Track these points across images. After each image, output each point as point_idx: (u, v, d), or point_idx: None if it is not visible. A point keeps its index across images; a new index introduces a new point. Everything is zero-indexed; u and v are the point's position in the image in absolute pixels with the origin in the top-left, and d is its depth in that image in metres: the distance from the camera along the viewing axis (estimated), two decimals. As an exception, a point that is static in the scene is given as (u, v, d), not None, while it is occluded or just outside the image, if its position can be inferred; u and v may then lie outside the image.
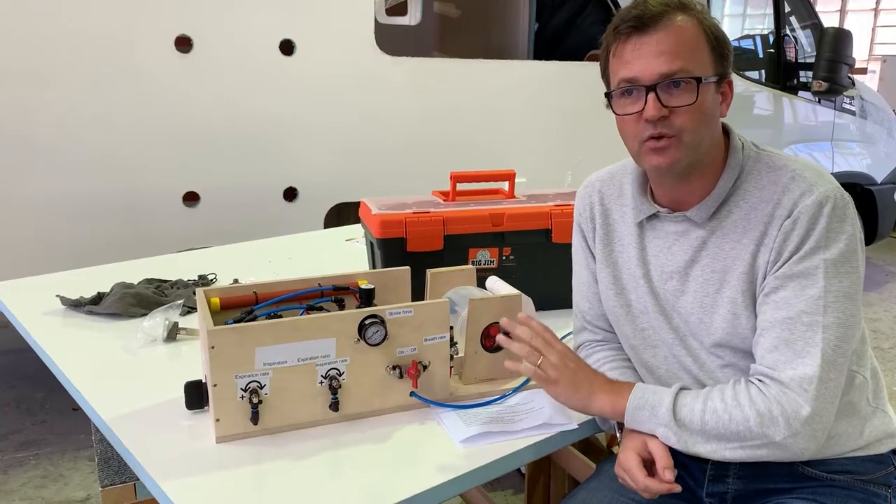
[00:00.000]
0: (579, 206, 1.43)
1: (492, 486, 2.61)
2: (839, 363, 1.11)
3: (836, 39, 4.24)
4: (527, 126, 3.55)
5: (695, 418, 1.14)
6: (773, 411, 1.10)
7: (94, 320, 1.75)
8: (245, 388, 1.21)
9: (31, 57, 2.55)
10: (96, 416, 1.32)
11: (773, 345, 1.13)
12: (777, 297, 1.14)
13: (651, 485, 1.14)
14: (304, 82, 3.02)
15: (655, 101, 1.13)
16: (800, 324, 1.11)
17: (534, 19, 3.88)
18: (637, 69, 1.15)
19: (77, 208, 2.72)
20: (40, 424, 3.09)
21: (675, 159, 1.16)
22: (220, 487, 1.10)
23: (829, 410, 1.11)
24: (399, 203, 1.79)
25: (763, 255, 1.16)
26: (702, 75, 1.14)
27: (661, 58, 1.13)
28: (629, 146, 1.22)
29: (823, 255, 1.12)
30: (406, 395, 1.31)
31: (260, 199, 3.04)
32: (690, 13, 1.15)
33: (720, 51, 1.18)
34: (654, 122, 1.14)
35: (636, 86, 1.15)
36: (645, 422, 1.17)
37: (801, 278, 1.12)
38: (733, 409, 1.12)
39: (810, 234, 1.12)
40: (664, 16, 1.13)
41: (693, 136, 1.15)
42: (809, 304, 1.11)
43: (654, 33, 1.14)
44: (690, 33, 1.15)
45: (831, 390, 1.10)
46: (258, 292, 1.40)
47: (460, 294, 1.49)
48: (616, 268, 1.35)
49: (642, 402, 1.18)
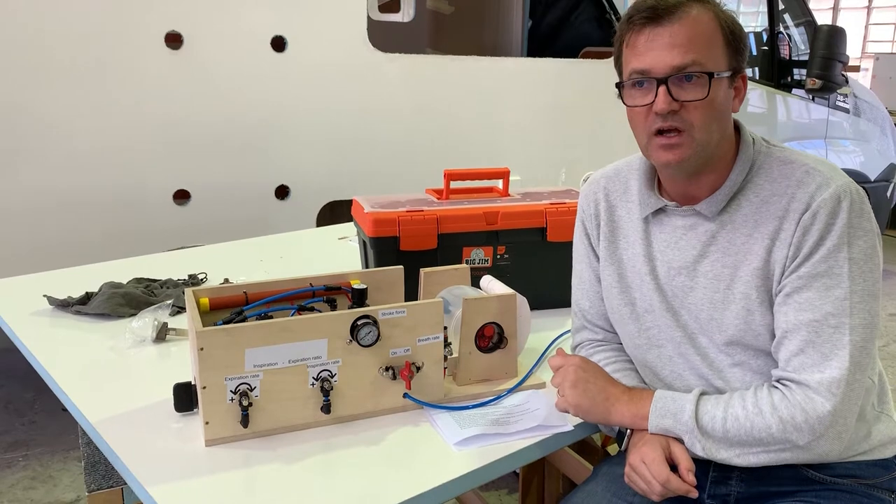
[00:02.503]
0: (583, 204, 1.41)
1: (486, 486, 2.60)
2: (864, 364, 1.10)
3: (829, 37, 4.25)
4: (520, 124, 3.54)
5: (716, 426, 1.13)
6: (797, 417, 1.08)
7: (81, 320, 1.73)
8: (235, 390, 1.19)
9: (18, 53, 2.53)
10: (83, 418, 1.30)
11: (800, 348, 1.11)
12: (801, 297, 1.12)
13: (673, 480, 1.12)
14: (295, 79, 3.00)
15: (666, 94, 1.12)
16: (826, 326, 1.09)
17: (527, 17, 3.88)
18: (649, 61, 1.13)
19: (65, 206, 2.69)
20: (29, 425, 3.06)
21: (685, 156, 1.14)
22: (209, 492, 1.08)
23: (853, 411, 1.10)
24: (392, 201, 1.77)
25: (779, 250, 1.14)
26: (715, 70, 1.12)
27: (675, 50, 1.11)
28: (638, 139, 1.20)
29: (848, 253, 1.10)
30: (399, 397, 1.30)
31: (251, 197, 3.02)
32: (707, 6, 1.14)
33: (735, 45, 1.16)
34: (663, 115, 1.13)
35: (647, 77, 1.14)
36: (668, 429, 1.16)
37: (825, 278, 1.10)
38: (755, 416, 1.11)
39: (831, 230, 1.10)
40: (679, 7, 1.12)
41: (704, 133, 1.14)
42: (836, 305, 1.09)
43: (669, 25, 1.12)
44: (705, 26, 1.13)
45: (857, 392, 1.09)
46: (248, 292, 1.38)
47: (454, 294, 1.47)
48: (621, 265, 1.33)
49: (664, 410, 1.17)
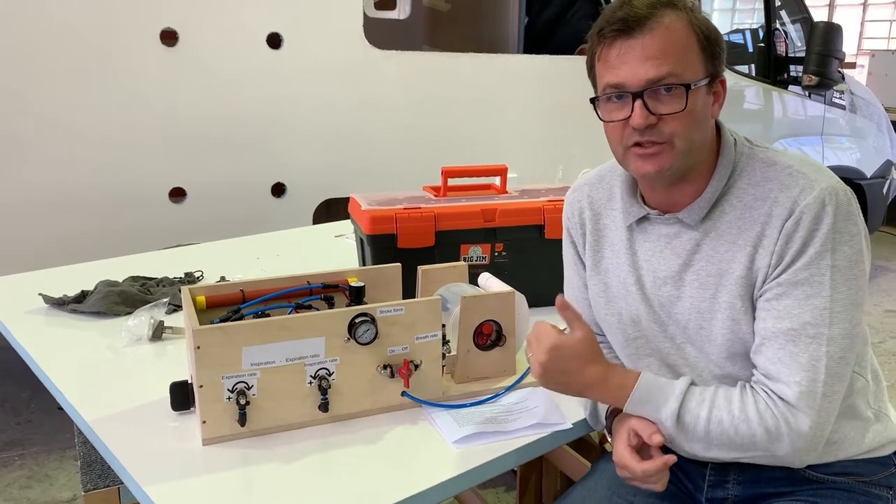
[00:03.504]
0: (568, 212, 1.37)
1: (484, 484, 2.60)
2: (843, 374, 1.08)
3: (826, 34, 4.24)
4: (517, 120, 3.53)
5: (699, 426, 1.11)
6: (781, 429, 1.07)
7: (77, 319, 1.72)
8: (232, 388, 1.18)
9: (13, 50, 2.51)
10: (79, 417, 1.29)
11: (777, 356, 1.09)
12: (780, 305, 1.09)
13: (648, 466, 1.11)
14: (292, 76, 2.99)
15: (643, 108, 1.08)
16: (805, 336, 1.07)
17: (523, 13, 3.86)
18: (623, 75, 1.09)
19: (61, 204, 2.67)
20: (25, 424, 3.05)
21: (664, 166, 1.11)
22: (206, 491, 1.08)
23: (830, 421, 1.09)
24: (389, 198, 1.77)
25: (762, 257, 1.11)
26: (691, 80, 1.09)
27: (648, 63, 1.07)
28: (614, 151, 1.17)
29: (830, 260, 1.07)
30: (397, 395, 1.29)
31: (247, 194, 3.01)
32: (679, 12, 1.09)
33: (711, 50, 1.12)
34: (640, 129, 1.09)
35: (623, 92, 1.10)
36: (647, 416, 1.14)
37: (805, 286, 1.07)
38: (740, 423, 1.09)
39: (814, 236, 1.07)
40: (651, 17, 1.08)
41: (683, 142, 1.10)
42: (815, 314, 1.07)
43: (641, 36, 1.08)
44: (679, 34, 1.09)
45: (834, 403, 1.08)
46: (245, 290, 1.37)
47: (452, 291, 1.47)
48: (607, 275, 1.30)
49: (647, 395, 1.13)
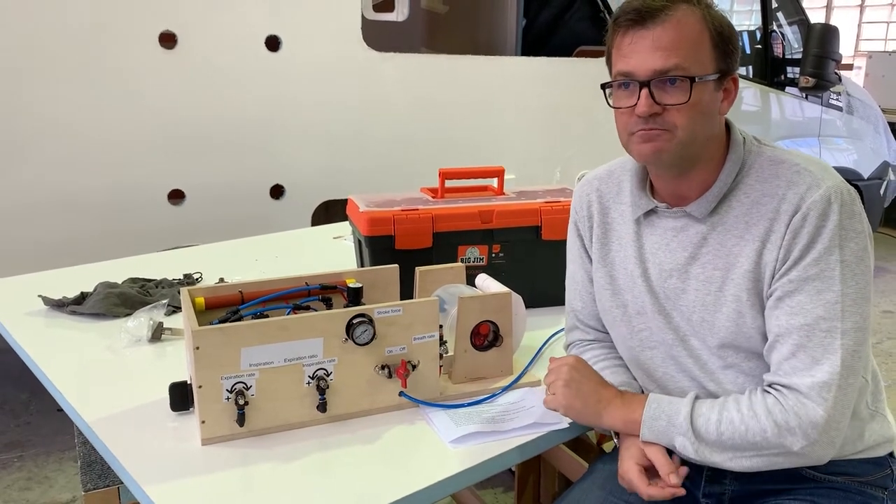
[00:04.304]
0: (576, 205, 1.40)
1: (481, 484, 2.60)
2: (856, 367, 1.09)
3: (823, 35, 4.25)
4: (515, 122, 3.54)
5: (710, 428, 1.12)
6: (791, 422, 1.08)
7: (77, 320, 1.72)
8: (231, 389, 1.19)
9: (12, 52, 2.52)
10: (79, 418, 1.30)
11: (791, 352, 1.10)
12: (792, 301, 1.11)
13: (655, 493, 1.13)
14: (290, 78, 2.99)
15: (648, 97, 1.11)
16: (818, 330, 1.09)
17: (521, 15, 3.87)
18: (633, 64, 1.13)
19: (60, 206, 2.68)
20: (24, 426, 3.05)
21: (661, 149, 1.14)
22: (205, 491, 1.08)
23: (846, 415, 1.09)
24: (387, 200, 1.77)
25: (770, 252, 1.13)
26: (698, 73, 1.11)
27: (657, 53, 1.11)
28: (621, 137, 1.20)
29: (839, 255, 1.09)
30: (395, 396, 1.30)
31: (246, 196, 3.01)
32: (694, 7, 1.12)
33: (724, 47, 1.14)
34: (645, 117, 1.12)
35: (631, 80, 1.13)
36: (662, 431, 1.16)
37: (816, 281, 1.09)
38: (749, 419, 1.10)
39: (821, 232, 1.09)
40: (664, 10, 1.11)
41: (684, 133, 1.13)
42: (827, 309, 1.08)
43: (653, 27, 1.11)
44: (690, 28, 1.11)
45: (849, 396, 1.09)
46: (244, 291, 1.38)
47: (449, 292, 1.47)
48: (613, 267, 1.32)
49: (658, 412, 1.16)
